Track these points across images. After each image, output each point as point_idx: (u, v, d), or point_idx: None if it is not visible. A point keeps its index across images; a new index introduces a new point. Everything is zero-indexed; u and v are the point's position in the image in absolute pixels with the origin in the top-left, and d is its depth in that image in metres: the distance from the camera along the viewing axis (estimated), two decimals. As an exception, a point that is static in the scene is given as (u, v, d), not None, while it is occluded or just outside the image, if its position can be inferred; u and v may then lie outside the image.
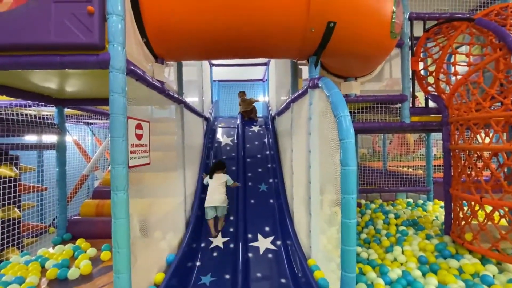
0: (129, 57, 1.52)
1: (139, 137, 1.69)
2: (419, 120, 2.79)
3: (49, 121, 2.84)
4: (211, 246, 2.80)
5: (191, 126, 3.35)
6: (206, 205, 2.82)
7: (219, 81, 6.87)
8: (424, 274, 2.10)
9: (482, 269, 2.08)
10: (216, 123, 5.05)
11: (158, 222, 2.09)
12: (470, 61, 2.41)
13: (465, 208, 2.45)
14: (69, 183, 4.14)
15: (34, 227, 3.01)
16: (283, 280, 2.25)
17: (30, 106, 3.00)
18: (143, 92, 1.83)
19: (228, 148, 4.34)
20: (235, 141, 4.47)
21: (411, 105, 2.84)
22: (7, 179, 2.53)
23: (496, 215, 2.49)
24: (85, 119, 4.61)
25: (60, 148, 2.94)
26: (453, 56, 2.57)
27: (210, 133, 4.54)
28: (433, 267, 2.17)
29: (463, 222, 2.43)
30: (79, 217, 3.13)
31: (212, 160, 4.08)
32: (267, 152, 4.24)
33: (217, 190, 2.87)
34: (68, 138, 4.73)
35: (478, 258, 2.25)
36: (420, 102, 4.66)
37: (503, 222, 2.69)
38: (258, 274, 2.33)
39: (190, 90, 3.52)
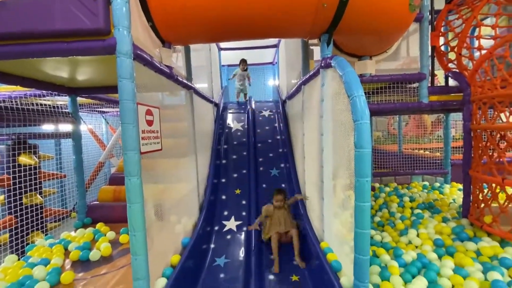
0: (135, 41, 1.49)
1: (149, 123, 1.69)
2: (438, 100, 2.65)
3: (64, 110, 2.91)
4: (225, 229, 2.86)
5: (201, 112, 3.34)
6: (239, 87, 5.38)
7: (228, 65, 6.77)
8: (440, 257, 2.06)
9: (501, 251, 2.03)
10: (226, 108, 5.02)
11: (172, 206, 2.14)
12: (496, 33, 2.23)
13: (485, 191, 2.36)
14: (87, 171, 4.29)
15: (56, 212, 3.16)
16: (295, 262, 2.28)
17: (44, 96, 3.06)
18: (151, 78, 1.81)
19: (239, 133, 4.32)
20: (246, 126, 4.44)
21: (429, 84, 2.69)
22: (27, 167, 2.63)
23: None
24: (98, 107, 4.69)
25: (75, 136, 3.01)
26: (477, 29, 2.38)
27: (220, 118, 4.53)
28: (449, 250, 2.12)
29: (483, 205, 2.35)
30: (98, 202, 3.25)
31: (224, 146, 4.10)
32: (278, 137, 4.20)
33: (241, 75, 5.37)
34: (83, 127, 4.85)
35: (497, 241, 2.18)
36: (439, 81, 4.44)
37: (526, 204, 2.58)
38: (271, 256, 2.37)
39: (198, 76, 3.48)
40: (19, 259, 2.19)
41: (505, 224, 2.16)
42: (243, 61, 5.50)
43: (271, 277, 2.13)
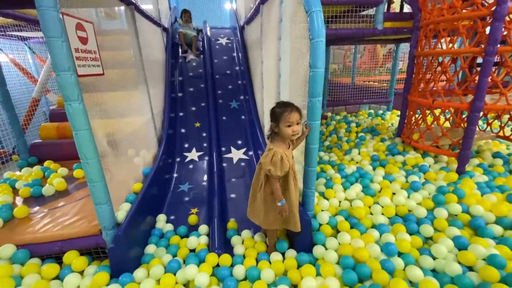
0: None
1: (83, 40, 1.45)
2: (392, 26, 2.70)
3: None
4: (187, 160, 2.91)
5: (148, 36, 2.95)
6: (182, 30, 4.21)
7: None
8: (374, 169, 2.44)
9: (421, 161, 2.46)
10: (178, 35, 4.50)
11: (126, 138, 2.05)
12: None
13: (418, 115, 2.69)
14: (21, 110, 3.76)
15: (-9, 153, 2.83)
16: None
17: None
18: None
19: (194, 64, 4.03)
20: (202, 56, 4.12)
21: (385, 11, 2.69)
22: None
23: (442, 119, 2.80)
24: (16, 30, 3.82)
25: (-8, 64, 2.50)
26: None
27: (172, 47, 4.09)
28: (382, 163, 2.51)
29: (415, 126, 2.72)
30: (41, 140, 2.97)
31: (179, 78, 3.83)
32: (237, 68, 4.03)
33: (188, 27, 4.33)
34: (2, 57, 4.01)
35: (420, 154, 2.62)
36: (395, 10, 4.44)
37: (447, 124, 3.06)
38: (233, 179, 2.55)
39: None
40: (-43, 201, 2.01)
41: (428, 140, 2.57)
42: (185, 12, 4.32)
43: (233, 195, 2.34)
